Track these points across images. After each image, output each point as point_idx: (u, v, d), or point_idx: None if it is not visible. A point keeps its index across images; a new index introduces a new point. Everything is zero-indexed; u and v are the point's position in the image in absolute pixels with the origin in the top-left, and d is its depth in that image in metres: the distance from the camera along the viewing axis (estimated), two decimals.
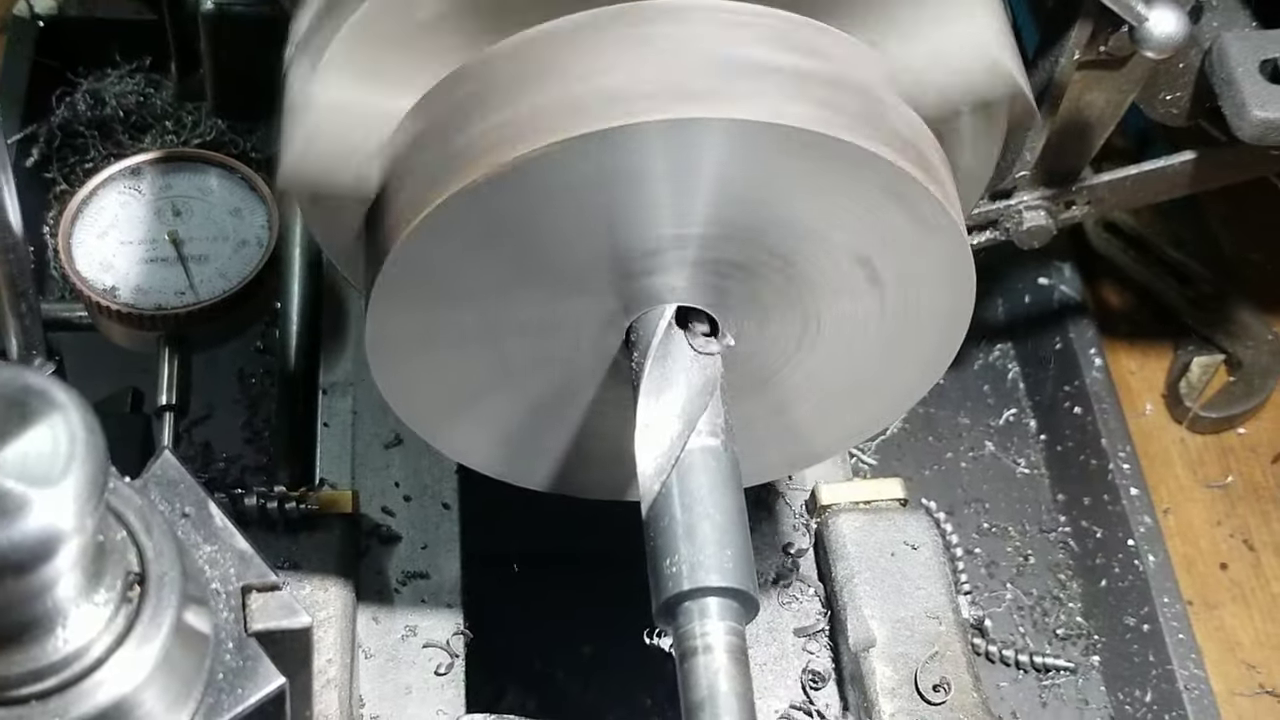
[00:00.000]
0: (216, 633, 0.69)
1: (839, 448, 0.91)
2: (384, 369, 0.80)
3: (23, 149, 1.36)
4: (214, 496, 0.75)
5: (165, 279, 1.05)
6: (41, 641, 0.62)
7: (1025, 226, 1.08)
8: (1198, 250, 1.41)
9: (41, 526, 0.57)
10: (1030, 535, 1.26)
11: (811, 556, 1.11)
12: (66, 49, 1.42)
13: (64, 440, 0.58)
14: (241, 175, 1.10)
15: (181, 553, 0.67)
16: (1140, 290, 1.40)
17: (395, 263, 0.73)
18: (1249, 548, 1.27)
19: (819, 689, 1.06)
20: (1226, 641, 1.21)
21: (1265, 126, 0.99)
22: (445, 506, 1.07)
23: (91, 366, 1.15)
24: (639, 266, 0.75)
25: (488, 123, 0.70)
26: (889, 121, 0.73)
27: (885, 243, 0.75)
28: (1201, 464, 1.32)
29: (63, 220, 1.06)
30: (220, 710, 0.68)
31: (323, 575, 1.00)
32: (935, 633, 1.03)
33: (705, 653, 0.71)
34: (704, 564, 0.72)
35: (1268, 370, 1.35)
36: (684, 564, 0.72)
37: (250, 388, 1.26)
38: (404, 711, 0.98)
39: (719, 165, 0.70)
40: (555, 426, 0.85)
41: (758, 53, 0.71)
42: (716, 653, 0.71)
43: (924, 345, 0.82)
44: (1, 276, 0.97)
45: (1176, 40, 0.85)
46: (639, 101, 0.68)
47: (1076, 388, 1.28)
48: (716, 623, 0.72)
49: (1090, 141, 1.05)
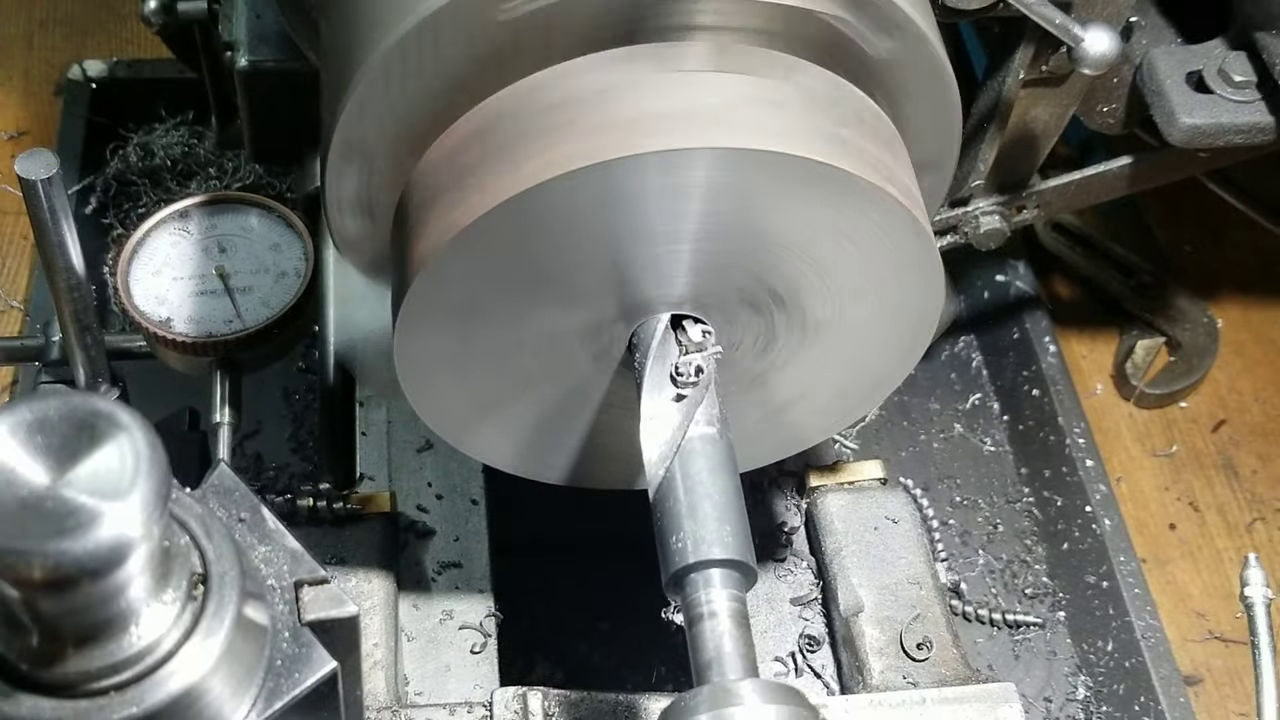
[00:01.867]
0: (273, 624, 0.69)
1: (824, 435, 0.91)
2: (412, 384, 0.80)
3: (82, 198, 1.36)
4: (266, 502, 0.75)
5: (214, 309, 1.05)
6: (117, 638, 0.61)
7: (982, 230, 1.08)
8: (1137, 244, 1.41)
9: (113, 536, 0.57)
10: (998, 506, 1.26)
11: (803, 533, 1.11)
12: (117, 107, 1.42)
13: (130, 458, 0.58)
14: (279, 214, 1.10)
15: (239, 554, 0.67)
16: (1087, 283, 1.40)
17: (418, 290, 0.73)
18: (1194, 509, 1.27)
19: (814, 652, 1.06)
20: (1177, 594, 1.21)
21: (1193, 132, 0.99)
22: (474, 502, 1.07)
23: (152, 390, 1.15)
24: (638, 280, 0.75)
25: (497, 161, 0.70)
26: (859, 142, 0.73)
27: (861, 252, 0.75)
28: (1148, 436, 1.32)
29: (120, 260, 1.06)
30: (279, 694, 0.68)
31: (366, 568, 1.00)
32: (917, 597, 1.03)
33: (711, 618, 0.72)
34: (706, 539, 0.73)
35: (1205, 349, 1.35)
36: (688, 539, 0.73)
37: (295, 403, 1.25)
38: (444, 687, 0.98)
39: (708, 188, 0.70)
40: (569, 426, 0.85)
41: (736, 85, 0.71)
42: (721, 618, 0.72)
43: (898, 341, 0.82)
44: (68, 313, 0.97)
45: (1110, 58, 0.85)
46: (635, 135, 0.68)
47: (1034, 372, 1.28)
48: (720, 591, 0.72)
49: (1037, 151, 1.05)
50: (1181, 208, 1.44)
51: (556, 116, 0.70)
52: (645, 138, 0.68)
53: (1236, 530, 1.26)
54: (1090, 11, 0.91)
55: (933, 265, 0.77)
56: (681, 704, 0.68)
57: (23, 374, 1.22)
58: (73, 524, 0.56)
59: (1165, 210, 1.44)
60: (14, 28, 1.53)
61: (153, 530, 0.58)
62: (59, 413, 0.59)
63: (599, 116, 0.70)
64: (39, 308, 1.26)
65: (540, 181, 0.68)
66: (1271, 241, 1.43)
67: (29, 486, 0.57)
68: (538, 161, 0.69)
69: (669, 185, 0.70)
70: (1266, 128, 0.99)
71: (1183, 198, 1.36)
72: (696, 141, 0.68)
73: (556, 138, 0.70)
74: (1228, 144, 1.00)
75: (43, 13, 1.55)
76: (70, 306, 0.97)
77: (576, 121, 0.70)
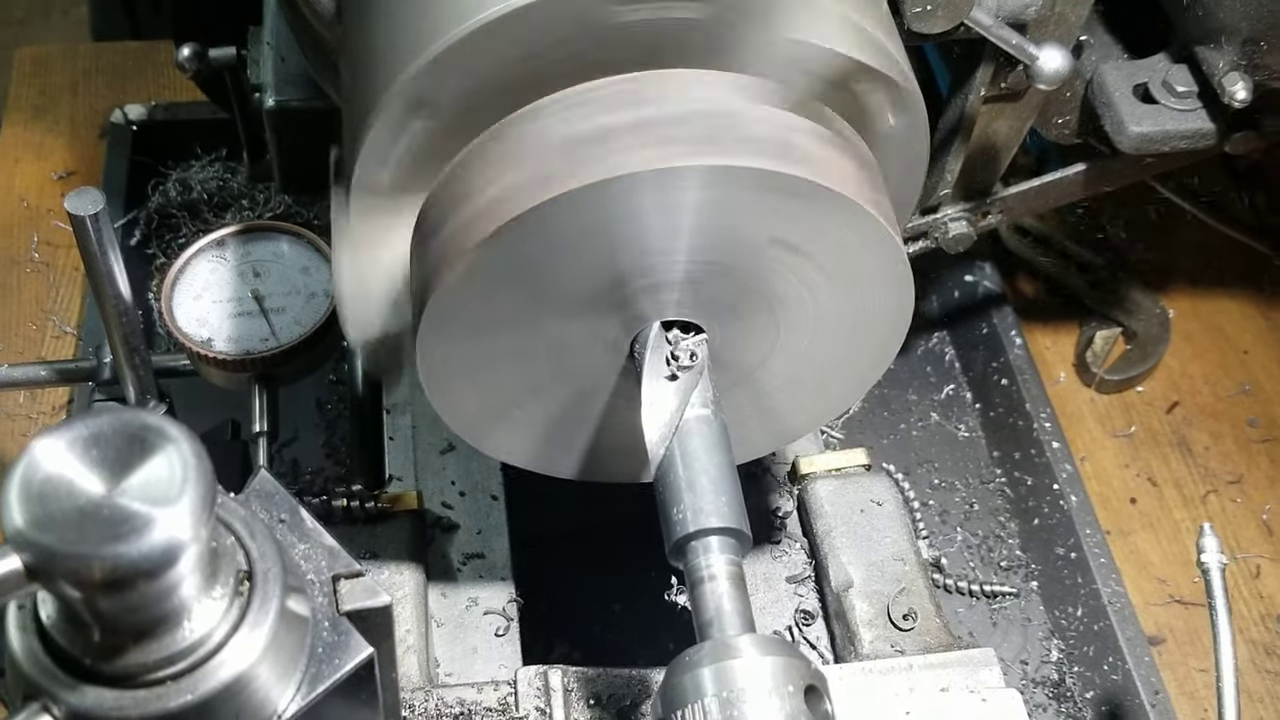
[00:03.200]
0: (314, 615, 0.69)
1: (812, 427, 0.91)
2: (434, 391, 0.80)
3: (127, 231, 1.36)
4: (304, 503, 0.75)
5: (251, 329, 1.05)
6: (172, 632, 0.62)
7: (951, 235, 1.08)
8: (1093, 244, 1.41)
9: (165, 539, 0.57)
10: (973, 487, 1.26)
11: (796, 517, 1.11)
12: (157, 147, 1.42)
13: (178, 467, 0.58)
14: (307, 240, 1.10)
15: (281, 552, 0.67)
16: (1048, 280, 1.40)
17: (436, 305, 0.73)
18: (1153, 484, 1.27)
19: (809, 625, 1.06)
20: (1140, 562, 1.21)
21: (1141, 139, 0.99)
22: (494, 498, 1.07)
23: (196, 405, 1.15)
24: (636, 289, 0.75)
25: (501, 185, 0.71)
26: (839, 161, 0.73)
27: (840, 259, 0.75)
28: (1109, 418, 1.32)
29: (164, 287, 1.06)
30: (321, 679, 0.68)
31: (397, 561, 1.00)
32: (901, 572, 1.03)
33: (710, 580, 0.73)
34: (704, 509, 0.73)
35: (1158, 338, 1.35)
36: (688, 511, 0.74)
37: (327, 413, 1.25)
38: (472, 668, 0.98)
39: (696, 203, 0.70)
40: (579, 425, 0.85)
41: (720, 106, 0.71)
42: (720, 580, 0.73)
43: (876, 339, 0.82)
44: (118, 337, 0.97)
45: (1063, 74, 0.85)
46: (627, 154, 0.68)
47: (1002, 363, 1.28)
48: (718, 556, 0.73)
49: (999, 161, 1.05)
50: (1133, 209, 1.44)
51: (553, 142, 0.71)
52: (638, 156, 0.68)
53: (1192, 502, 1.26)
54: (1043, 32, 0.91)
55: (903, 271, 0.77)
56: (687, 658, 0.69)
57: (78, 393, 1.22)
58: (128, 529, 0.56)
59: (1118, 211, 1.44)
60: (60, 77, 1.53)
61: (201, 533, 0.58)
62: (112, 428, 0.59)
63: (596, 141, 0.70)
64: (91, 332, 1.26)
65: (539, 202, 0.68)
66: (1215, 237, 1.43)
67: (87, 496, 0.57)
68: (537, 184, 0.69)
69: (663, 201, 0.70)
70: (1208, 133, 0.99)
71: (1133, 200, 1.36)
72: (688, 160, 0.68)
73: (555, 160, 0.70)
74: (1173, 149, 1.00)
75: (86, 63, 1.55)
76: (119, 330, 0.97)
77: (574, 144, 0.70)
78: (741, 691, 0.67)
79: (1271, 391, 1.34)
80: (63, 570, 0.56)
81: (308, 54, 0.96)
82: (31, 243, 1.37)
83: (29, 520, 0.56)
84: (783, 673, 0.67)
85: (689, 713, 0.67)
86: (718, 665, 0.68)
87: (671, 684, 0.69)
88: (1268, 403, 1.33)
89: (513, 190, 0.70)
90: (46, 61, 1.55)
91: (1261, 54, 0.93)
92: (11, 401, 1.24)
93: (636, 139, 0.69)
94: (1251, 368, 1.36)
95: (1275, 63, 0.94)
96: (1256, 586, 1.21)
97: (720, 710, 0.66)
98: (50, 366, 1.10)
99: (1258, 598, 1.20)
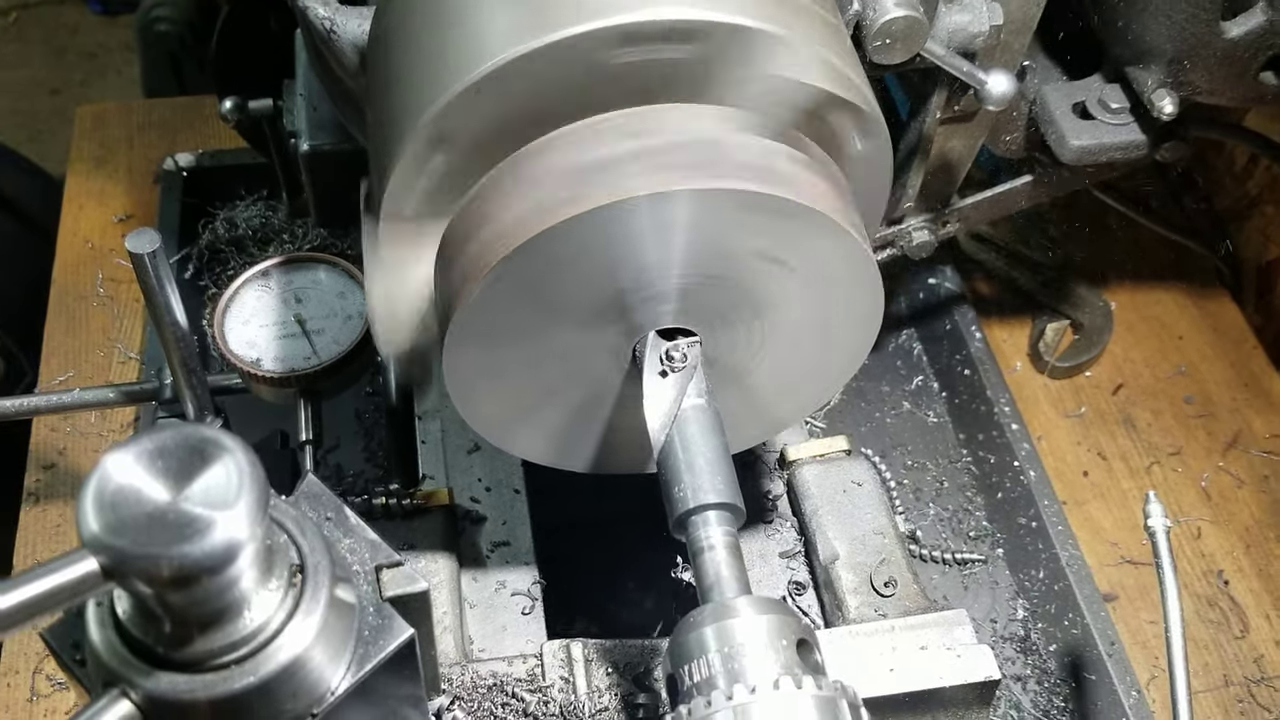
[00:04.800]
0: (360, 602, 0.69)
1: (797, 418, 0.91)
2: (460, 398, 0.80)
3: (181, 266, 1.36)
4: (347, 503, 0.75)
5: (295, 349, 1.05)
6: (234, 621, 0.62)
7: (915, 243, 1.08)
8: (1041, 246, 1.41)
9: (225, 539, 0.57)
10: (942, 466, 1.26)
11: (786, 499, 1.11)
12: (205, 190, 1.42)
13: (234, 474, 0.58)
14: (342, 268, 1.10)
15: (329, 546, 0.67)
16: (1003, 280, 1.40)
17: (459, 321, 0.73)
18: (1102, 458, 1.27)
19: (801, 595, 1.05)
20: (1093, 528, 1.21)
21: (1080, 151, 0.99)
22: (516, 492, 1.07)
23: (248, 418, 1.15)
24: (637, 300, 0.75)
25: (514, 212, 0.71)
26: (811, 180, 0.73)
27: (817, 268, 0.75)
28: (1061, 401, 1.32)
29: (216, 314, 1.06)
30: (368, 659, 0.68)
31: (432, 551, 1.00)
32: (881, 545, 1.03)
33: (710, 550, 0.73)
34: (702, 487, 0.74)
35: (1102, 328, 1.34)
36: (688, 489, 0.74)
37: (365, 421, 1.25)
38: (502, 644, 0.98)
39: (688, 223, 0.70)
40: (590, 424, 0.85)
41: (706, 135, 0.71)
42: (718, 549, 0.73)
43: (852, 337, 0.82)
44: (176, 360, 0.97)
45: (1009, 96, 0.85)
46: (623, 181, 0.68)
47: (964, 356, 1.28)
48: (716, 528, 0.74)
49: (955, 176, 1.05)
50: (1075, 214, 1.44)
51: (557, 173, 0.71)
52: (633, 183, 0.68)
53: (1137, 473, 1.26)
54: (991, 59, 0.91)
55: (874, 277, 0.77)
56: (691, 619, 0.70)
57: (143, 412, 1.22)
58: (191, 531, 0.56)
59: (1063, 216, 1.44)
60: (118, 131, 1.53)
61: (257, 532, 0.58)
62: (174, 441, 0.59)
63: (596, 169, 0.70)
64: (152, 357, 1.26)
65: (545, 228, 0.68)
66: (1150, 237, 1.43)
67: (154, 503, 0.57)
68: (543, 211, 0.69)
69: (657, 222, 0.70)
70: (1140, 144, 0.99)
71: (1076, 206, 1.36)
72: (677, 185, 0.68)
73: (559, 189, 0.70)
74: (1110, 160, 1.00)
75: (140, 118, 1.55)
76: (178, 355, 0.97)
77: (576, 174, 0.70)
78: (741, 646, 0.67)
79: (1205, 372, 1.34)
80: (135, 570, 0.56)
81: (336, 103, 0.96)
82: (97, 280, 1.37)
83: (104, 526, 0.56)
84: (777, 629, 0.68)
85: (695, 667, 0.68)
86: (719, 624, 0.69)
87: (678, 642, 0.70)
88: (1202, 382, 1.33)
89: (523, 217, 0.70)
90: (104, 118, 1.55)
91: (1185, 72, 0.93)
92: (84, 421, 1.24)
93: (632, 168, 0.69)
94: (1186, 351, 1.36)
95: (1198, 80, 0.94)
96: (1198, 546, 1.21)
97: (722, 664, 0.67)
98: (117, 389, 1.10)
99: (1199, 556, 1.20)
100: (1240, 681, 1.11)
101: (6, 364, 1.70)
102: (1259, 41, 0.90)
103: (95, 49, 3.20)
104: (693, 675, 0.68)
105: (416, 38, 0.73)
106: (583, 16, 0.66)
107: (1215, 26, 0.90)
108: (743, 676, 0.66)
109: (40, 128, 2.96)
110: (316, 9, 0.85)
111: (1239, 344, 1.37)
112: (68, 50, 3.19)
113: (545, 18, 0.67)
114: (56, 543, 1.16)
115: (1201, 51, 0.92)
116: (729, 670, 0.67)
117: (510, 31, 0.68)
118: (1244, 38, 0.90)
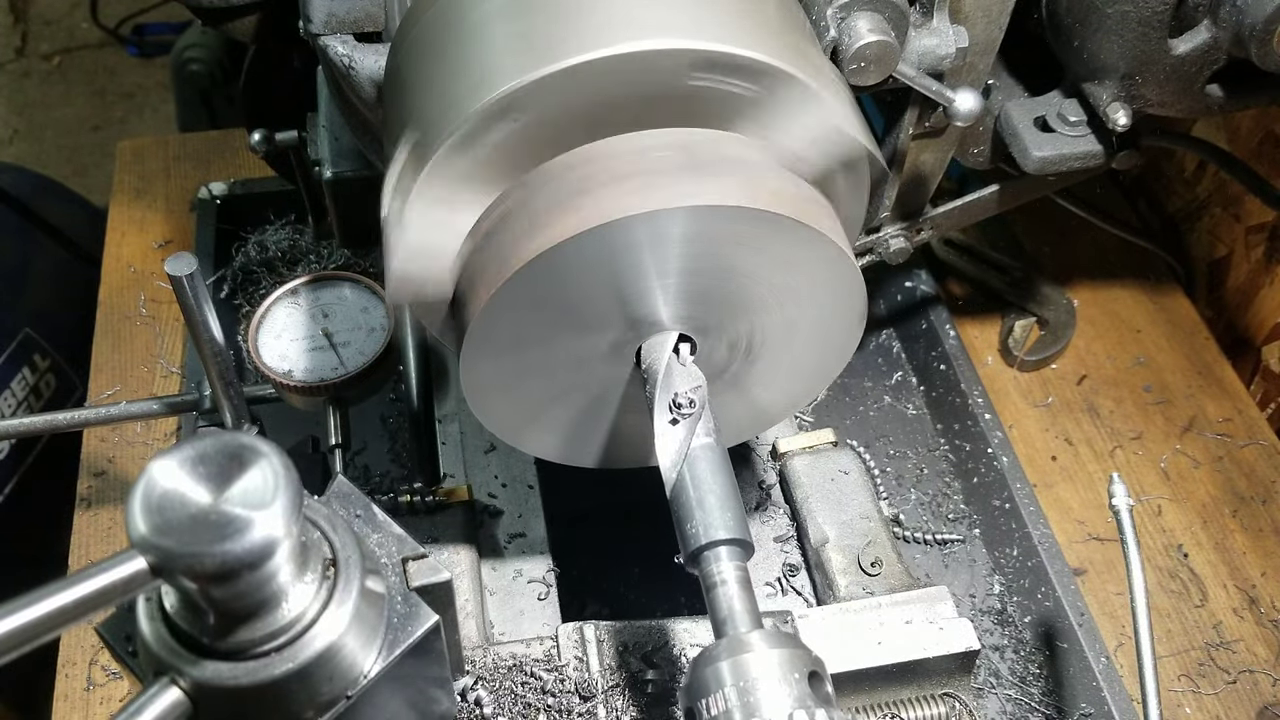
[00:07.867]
0: (388, 592, 0.69)
1: (788, 413, 0.91)
2: (476, 401, 0.80)
3: (216, 286, 1.37)
4: (375, 501, 0.75)
5: (323, 361, 1.05)
6: (273, 612, 0.62)
7: (892, 249, 1.08)
8: (1008, 250, 1.41)
9: (263, 537, 0.57)
10: (922, 454, 1.25)
11: (778, 488, 1.11)
12: (237, 216, 1.42)
13: (270, 477, 0.58)
14: (365, 285, 1.10)
15: (359, 541, 0.67)
16: (974, 281, 1.40)
17: (474, 332, 0.73)
18: (1069, 444, 1.27)
19: (795, 576, 1.05)
20: (1062, 508, 1.21)
21: (1042, 162, 0.99)
22: (530, 487, 1.07)
23: (282, 425, 1.15)
24: (637, 308, 0.74)
25: (526, 226, 0.70)
26: (797, 194, 0.73)
27: (804, 275, 0.75)
28: (1030, 392, 1.32)
29: (250, 330, 1.06)
30: (397, 644, 0.68)
31: (454, 543, 1.00)
32: (868, 528, 1.03)
33: (722, 585, 0.71)
34: (713, 524, 0.72)
35: (1066, 324, 1.34)
36: (700, 526, 0.72)
37: (390, 425, 1.25)
38: (520, 627, 0.98)
39: (683, 237, 0.70)
40: (597, 423, 0.84)
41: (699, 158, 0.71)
42: (730, 584, 0.71)
43: (837, 338, 0.82)
44: (214, 373, 0.97)
45: (976, 112, 0.85)
46: (624, 199, 0.68)
47: (939, 352, 1.28)
48: (727, 563, 0.72)
49: (927, 187, 1.05)
50: (1039, 219, 1.44)
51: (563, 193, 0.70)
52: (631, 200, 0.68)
53: (1102, 457, 1.26)
54: (958, 79, 0.91)
55: (857, 282, 0.77)
56: (707, 654, 0.68)
57: (184, 422, 1.22)
58: (232, 530, 0.57)
59: (1027, 222, 1.44)
60: (155, 163, 1.53)
61: (292, 530, 0.58)
62: (214, 448, 0.59)
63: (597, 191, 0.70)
64: (192, 371, 1.26)
65: (553, 244, 0.68)
66: (1108, 238, 1.43)
67: (196, 505, 0.57)
68: (553, 229, 0.69)
69: (654, 236, 0.70)
70: (1097, 154, 0.99)
71: (1039, 212, 1.35)
72: (673, 202, 0.68)
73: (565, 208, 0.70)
74: (1069, 169, 1.00)
75: (175, 150, 1.55)
76: (216, 368, 0.97)
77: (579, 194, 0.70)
78: (755, 680, 0.66)
79: (1161, 362, 1.34)
80: (180, 567, 0.56)
81: (356, 132, 0.96)
82: (140, 301, 1.37)
83: (151, 527, 0.56)
84: (789, 662, 0.66)
85: (712, 701, 0.66)
86: (734, 659, 0.67)
87: (695, 676, 0.68)
88: (1159, 371, 1.33)
89: (532, 232, 0.70)
90: (143, 151, 1.55)
91: (1137, 87, 0.93)
92: (130, 431, 1.24)
93: (632, 185, 0.69)
94: (1144, 344, 1.36)
95: (1149, 94, 0.94)
96: (1159, 522, 1.21)
97: (739, 697, 0.65)
98: (160, 401, 1.10)
99: (1160, 531, 1.20)
100: (1200, 646, 1.11)
101: (58, 380, 1.70)
102: (1204, 57, 0.90)
103: (133, 89, 3.20)
104: (710, 710, 0.66)
105: (431, 69, 0.73)
106: (600, 43, 0.66)
107: (1164, 44, 0.90)
108: (759, 710, 0.65)
109: (84, 162, 2.96)
110: (336, 47, 0.85)
111: (1192, 335, 1.37)
112: (108, 90, 3.20)
113: (550, 50, 0.67)
114: (108, 544, 1.16)
115: (1152, 68, 0.92)
116: (745, 704, 0.65)
117: (517, 61, 0.67)
118: (1190, 54, 0.90)
